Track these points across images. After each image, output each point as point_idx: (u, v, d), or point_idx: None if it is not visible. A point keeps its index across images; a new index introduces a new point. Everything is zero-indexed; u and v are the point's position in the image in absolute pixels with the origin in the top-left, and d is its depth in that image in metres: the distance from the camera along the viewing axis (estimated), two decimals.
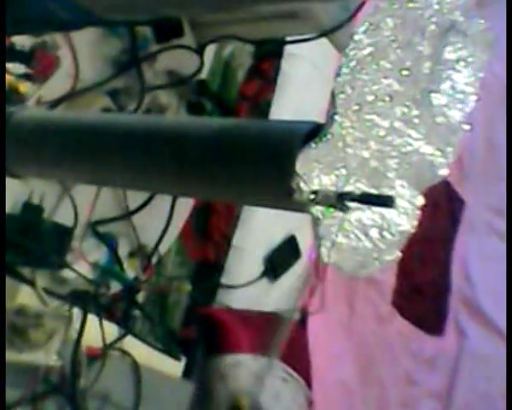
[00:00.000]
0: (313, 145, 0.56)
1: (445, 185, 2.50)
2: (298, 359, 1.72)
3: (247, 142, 0.61)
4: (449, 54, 0.64)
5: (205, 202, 1.75)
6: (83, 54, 1.18)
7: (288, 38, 1.43)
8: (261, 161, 0.60)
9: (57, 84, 1.14)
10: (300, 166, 0.56)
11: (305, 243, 1.90)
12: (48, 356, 1.11)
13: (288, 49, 1.91)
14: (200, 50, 1.38)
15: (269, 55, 1.90)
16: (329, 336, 2.00)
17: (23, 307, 1.11)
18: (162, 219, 1.31)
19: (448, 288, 2.47)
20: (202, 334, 1.64)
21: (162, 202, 1.31)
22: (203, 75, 1.45)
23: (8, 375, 1.10)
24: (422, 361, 2.33)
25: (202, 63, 1.36)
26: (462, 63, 0.65)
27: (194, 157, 0.64)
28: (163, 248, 1.35)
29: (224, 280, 1.76)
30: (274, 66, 1.89)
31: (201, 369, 1.56)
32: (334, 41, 1.37)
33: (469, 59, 0.65)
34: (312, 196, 0.56)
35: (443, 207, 2.53)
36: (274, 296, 1.84)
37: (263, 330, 1.70)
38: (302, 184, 0.56)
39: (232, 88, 1.80)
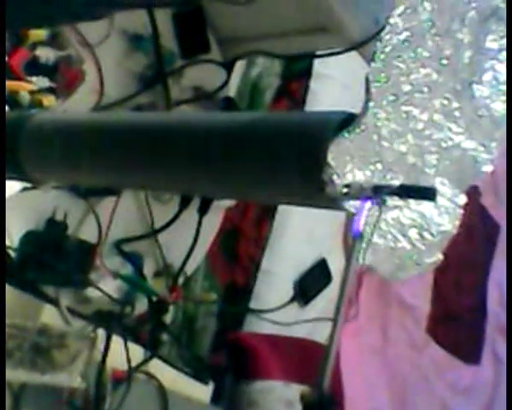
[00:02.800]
0: (346, 135, 0.52)
1: (481, 210, 2.44)
2: (330, 385, 1.66)
3: (278, 133, 0.57)
4: (490, 43, 0.60)
5: (233, 225, 1.72)
6: (107, 68, 1.16)
7: (318, 53, 1.40)
8: (292, 152, 0.56)
9: (81, 99, 1.12)
10: (333, 157, 0.52)
11: (335, 266, 1.86)
12: (72, 378, 1.08)
13: (317, 69, 1.89)
14: (228, 66, 1.35)
15: (297, 76, 1.88)
16: (362, 363, 1.94)
17: (46, 327, 1.07)
18: (188, 239, 1.28)
19: (484, 314, 2.40)
20: (231, 359, 1.60)
21: (188, 220, 1.27)
22: (230, 93, 1.43)
23: (31, 397, 1.07)
24: (458, 390, 2.25)
25: (229, 78, 1.33)
26: (504, 53, 0.61)
27: (222, 152, 0.60)
28: (189, 269, 1.32)
29: (252, 305, 1.72)
30: (302, 86, 1.87)
31: (230, 395, 1.51)
32: (365, 55, 1.34)
33: None
34: (345, 190, 0.52)
35: (479, 232, 2.46)
36: (304, 321, 1.79)
37: (293, 356, 1.66)
38: (335, 177, 0.51)
39: (260, 108, 1.78)
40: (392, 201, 0.56)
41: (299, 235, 1.82)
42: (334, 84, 1.91)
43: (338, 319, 0.58)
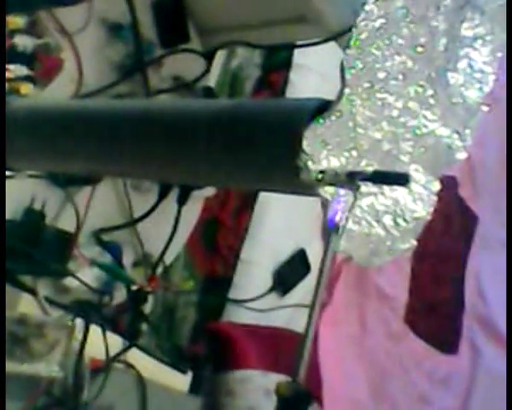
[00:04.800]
0: (321, 121, 0.52)
1: (458, 201, 2.46)
2: (308, 375, 1.67)
3: (252, 119, 0.58)
4: (465, 31, 0.61)
5: (212, 214, 1.72)
6: (86, 57, 1.16)
7: (298, 43, 1.40)
8: (267, 138, 0.56)
9: (60, 88, 1.11)
10: (308, 144, 0.53)
11: (314, 256, 1.86)
12: (49, 368, 1.08)
13: (297, 60, 1.89)
14: (209, 57, 1.35)
15: (277, 67, 1.88)
16: (340, 353, 1.95)
17: (24, 317, 1.07)
18: (167, 228, 1.28)
19: (462, 305, 2.41)
20: (210, 349, 1.61)
21: (167, 210, 1.27)
22: (210, 83, 1.43)
23: (9, 386, 1.06)
24: (436, 380, 2.27)
25: (209, 68, 1.33)
26: (479, 41, 0.62)
27: (197, 139, 0.60)
28: (168, 258, 1.32)
29: (232, 294, 1.73)
30: (282, 77, 1.87)
31: (209, 384, 1.52)
32: (344, 45, 1.34)
33: (487, 37, 0.62)
34: (320, 176, 0.52)
35: (456, 223, 2.48)
36: (283, 311, 1.80)
37: (272, 345, 1.66)
38: (309, 163, 0.52)
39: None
40: (367, 187, 0.57)
41: (279, 225, 1.82)
42: (312, 75, 1.91)
43: (313, 312, 0.57)
